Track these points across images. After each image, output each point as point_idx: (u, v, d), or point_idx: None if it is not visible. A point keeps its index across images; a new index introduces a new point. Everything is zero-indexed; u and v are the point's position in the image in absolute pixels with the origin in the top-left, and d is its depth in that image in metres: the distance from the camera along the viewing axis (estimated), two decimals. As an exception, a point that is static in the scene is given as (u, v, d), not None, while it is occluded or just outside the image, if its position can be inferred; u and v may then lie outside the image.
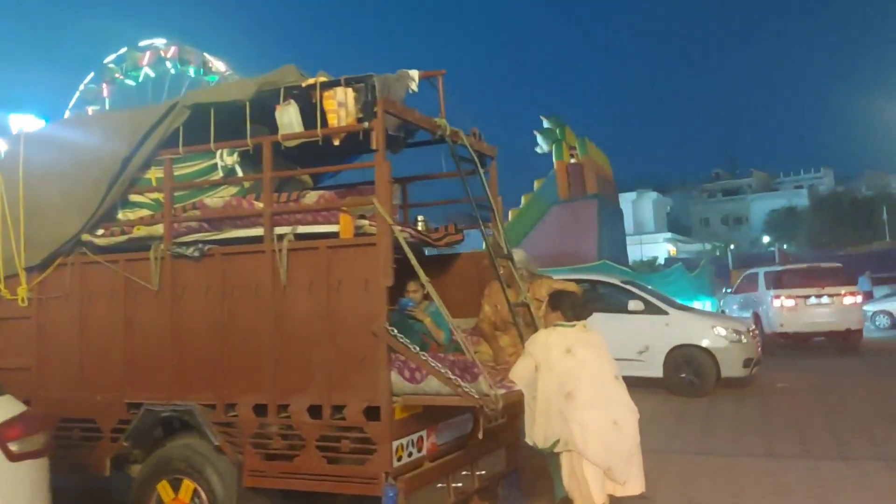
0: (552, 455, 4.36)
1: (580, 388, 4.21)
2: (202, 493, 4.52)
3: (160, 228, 4.89)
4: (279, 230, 4.56)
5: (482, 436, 4.67)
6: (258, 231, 4.62)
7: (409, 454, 4.35)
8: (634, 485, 4.19)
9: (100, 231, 5.13)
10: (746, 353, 10.98)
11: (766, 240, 59.13)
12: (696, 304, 17.44)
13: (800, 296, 15.76)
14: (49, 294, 5.20)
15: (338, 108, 4.42)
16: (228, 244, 4.76)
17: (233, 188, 4.93)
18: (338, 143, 4.55)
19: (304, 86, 4.52)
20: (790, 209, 60.76)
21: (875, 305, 23.11)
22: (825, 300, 15.59)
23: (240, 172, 4.87)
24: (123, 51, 28.20)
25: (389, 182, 4.35)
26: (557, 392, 4.25)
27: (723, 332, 10.96)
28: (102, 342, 5.04)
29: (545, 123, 28.47)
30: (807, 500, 5.83)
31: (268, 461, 4.49)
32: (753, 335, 11.43)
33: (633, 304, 11.15)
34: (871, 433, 8.08)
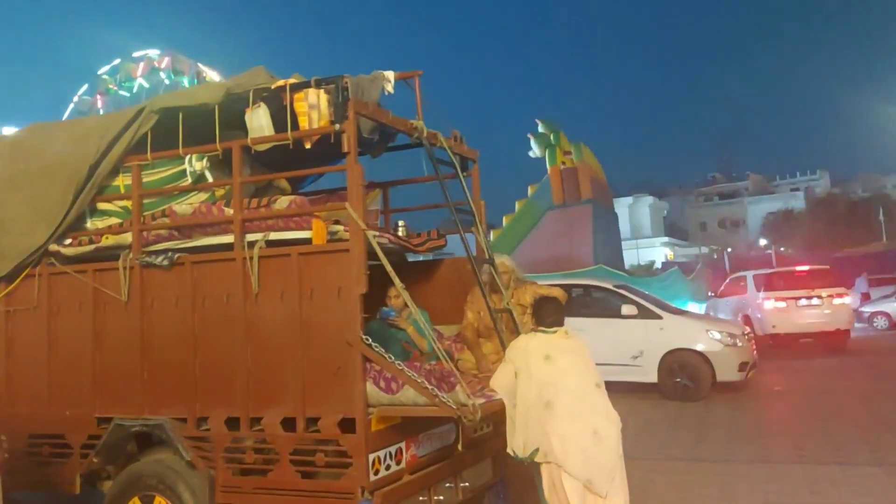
0: (536, 465, 4.21)
1: (559, 398, 4.06)
2: (174, 510, 4.36)
3: (129, 237, 4.75)
4: (250, 237, 4.42)
5: (464, 447, 4.54)
6: (229, 238, 4.48)
7: (388, 467, 4.19)
8: (617, 498, 4.02)
9: (67, 241, 4.99)
10: (742, 357, 10.84)
11: (763, 242, 59.08)
12: (691, 307, 17.31)
13: (791, 297, 15.88)
14: (16, 306, 5.05)
15: (309, 111, 4.28)
16: (199, 252, 4.62)
17: (203, 194, 4.79)
18: (309, 147, 4.40)
19: (274, 87, 4.39)
20: (786, 212, 60.76)
21: (873, 307, 23.00)
22: (815, 301, 15.75)
23: (210, 178, 4.73)
24: (117, 62, 28.18)
25: (362, 185, 4.21)
26: (536, 400, 4.10)
27: (718, 336, 10.83)
28: (71, 355, 4.90)
29: (540, 127, 28.40)
30: (802, 508, 5.69)
31: (241, 476, 4.33)
32: (749, 338, 11.29)
33: (627, 309, 11.02)
34: (868, 438, 7.94)
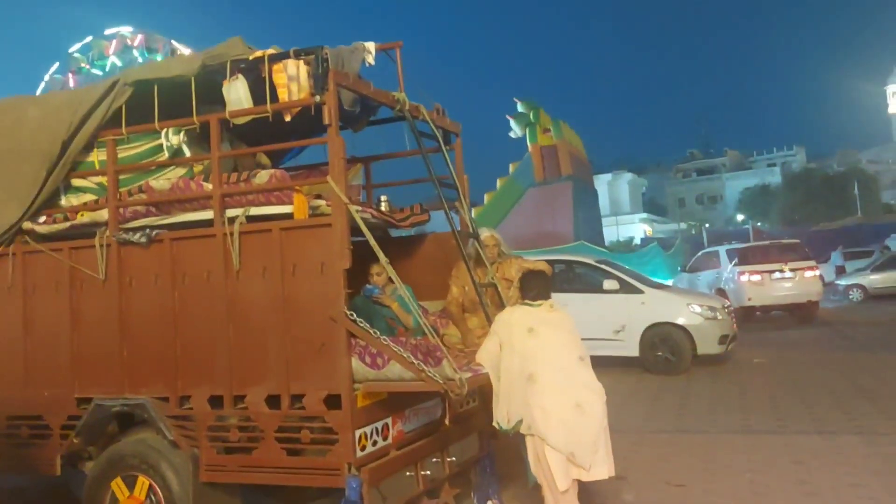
0: (522, 438, 4.20)
1: (541, 371, 4.04)
2: (158, 490, 4.31)
3: (105, 214, 4.63)
4: (230, 212, 4.33)
5: (451, 421, 4.52)
6: (208, 214, 4.39)
7: (374, 443, 4.16)
8: (601, 469, 4.02)
9: (42, 218, 4.86)
10: (722, 330, 10.93)
11: (741, 218, 59.69)
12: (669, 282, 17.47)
13: (765, 271, 16.43)
14: None
15: (288, 83, 4.18)
16: (178, 229, 4.52)
17: (180, 169, 4.68)
18: (289, 120, 4.30)
19: (252, 58, 4.27)
20: (763, 187, 61.41)
21: (848, 280, 23.34)
22: (788, 274, 16.36)
23: (187, 153, 4.62)
24: (89, 39, 27.61)
25: (343, 159, 4.13)
26: (519, 373, 4.09)
27: (698, 310, 10.91)
28: (48, 335, 4.79)
29: (519, 106, 28.33)
30: (783, 476, 5.75)
31: (225, 455, 4.28)
32: (728, 312, 11.39)
33: (609, 284, 11.05)
34: (847, 407, 8.05)
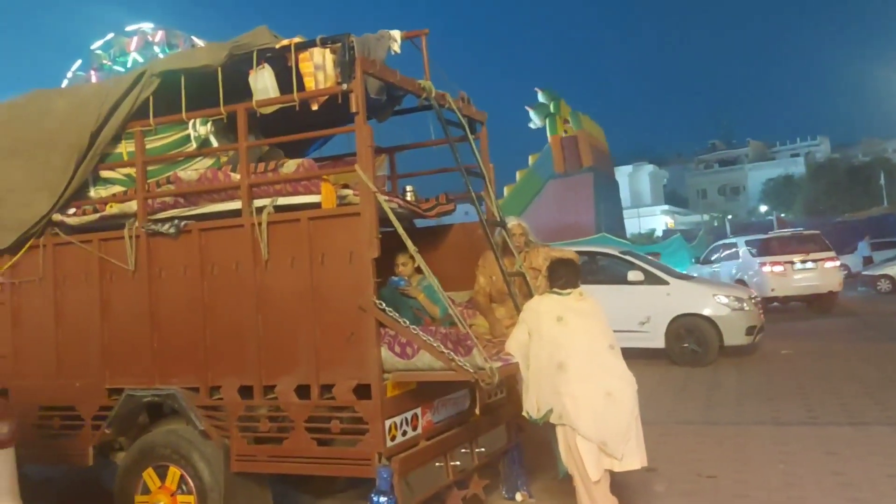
0: (552, 428, 4.16)
1: (571, 359, 3.99)
2: (189, 480, 4.33)
3: (134, 205, 4.65)
4: (258, 202, 4.32)
5: (480, 412, 4.49)
6: (236, 204, 4.38)
7: (404, 433, 4.15)
8: (633, 459, 3.97)
9: (71, 210, 4.89)
10: (749, 321, 10.79)
11: (764, 209, 58.98)
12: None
13: (788, 261, 16.59)
14: (22, 278, 4.97)
15: (315, 71, 4.16)
16: (206, 219, 4.52)
17: (208, 160, 4.68)
18: (316, 109, 4.28)
19: (278, 47, 4.25)
20: (787, 178, 60.55)
21: (876, 270, 22.97)
22: (809, 265, 16.52)
23: (215, 143, 4.62)
24: (110, 36, 27.83)
25: (371, 147, 4.11)
26: (548, 361, 4.04)
27: (724, 301, 10.78)
28: (79, 326, 4.83)
29: (540, 96, 28.16)
30: (817, 467, 5.66)
31: (255, 445, 4.29)
32: (755, 302, 11.25)
33: (633, 275, 10.94)
34: (877, 397, 7.91)
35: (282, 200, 4.33)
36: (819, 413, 7.46)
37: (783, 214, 47.57)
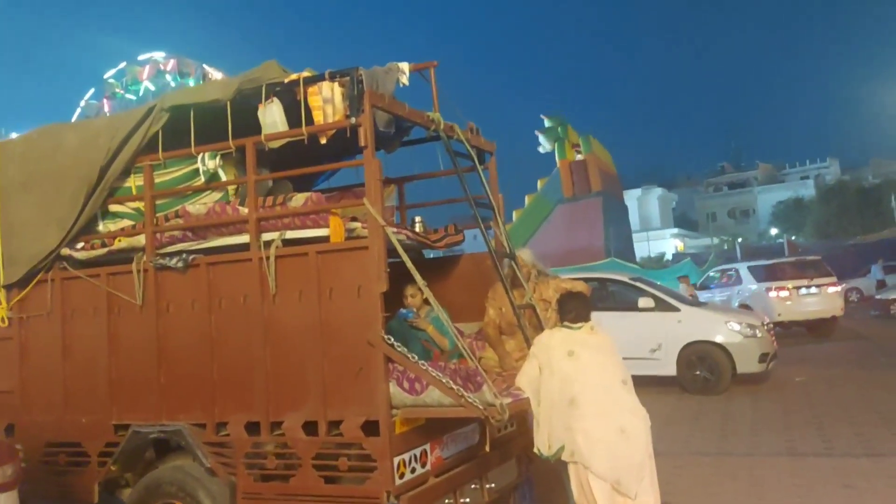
0: (563, 465, 4.08)
1: (583, 395, 3.93)
2: (194, 518, 4.26)
3: (142, 239, 4.64)
4: (266, 236, 4.31)
5: (490, 447, 4.42)
6: (244, 238, 4.37)
7: (413, 470, 4.08)
8: (647, 498, 3.88)
9: (80, 244, 4.89)
10: (762, 348, 10.66)
11: (774, 232, 58.73)
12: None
13: (793, 287, 16.79)
14: (30, 313, 4.97)
15: (323, 105, 4.16)
16: (214, 253, 4.51)
17: (216, 194, 4.68)
18: (325, 142, 4.27)
19: (287, 81, 4.26)
20: (797, 200, 60.27)
21: (889, 293, 22.69)
22: (814, 290, 16.78)
23: (223, 177, 4.62)
24: (123, 65, 28.22)
25: (380, 181, 4.09)
26: (560, 397, 3.97)
27: (737, 328, 10.66)
28: (87, 361, 4.80)
29: (546, 122, 28.28)
30: (834, 501, 5.55)
31: (262, 482, 4.23)
32: (768, 329, 11.12)
33: (644, 302, 10.85)
34: (894, 427, 7.77)
35: (290, 234, 4.31)
36: (835, 444, 7.33)
37: (794, 237, 47.34)
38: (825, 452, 7.05)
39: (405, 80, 4.61)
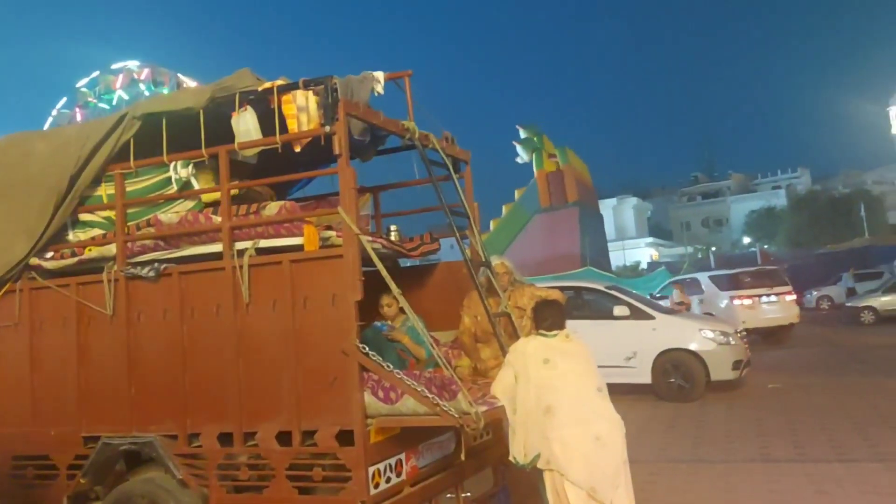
0: (539, 472, 4.08)
1: (559, 403, 3.94)
2: (166, 531, 4.19)
3: (113, 248, 4.58)
4: (240, 245, 4.27)
5: (466, 456, 4.40)
6: (217, 247, 4.32)
7: (388, 479, 4.04)
8: None
9: (49, 254, 4.81)
10: (735, 356, 10.78)
11: (747, 241, 59.51)
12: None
13: (756, 295, 17.56)
14: None
15: (298, 113, 4.14)
16: (187, 262, 4.46)
17: (189, 202, 4.62)
18: (299, 151, 4.25)
19: (261, 90, 4.24)
20: (769, 210, 61.22)
21: (859, 301, 23.12)
22: (773, 298, 17.59)
23: (196, 185, 4.57)
24: (96, 74, 27.82)
25: (355, 189, 4.07)
26: (536, 405, 3.98)
27: (710, 335, 10.77)
28: (55, 372, 4.72)
29: (521, 133, 28.43)
30: (808, 507, 5.60)
31: (236, 493, 4.18)
32: (741, 337, 11.24)
33: (619, 310, 10.93)
34: (866, 433, 7.88)
35: (264, 243, 4.27)
36: (808, 450, 7.41)
37: (766, 246, 47.99)
38: (799, 458, 7.12)
39: (380, 90, 4.61)
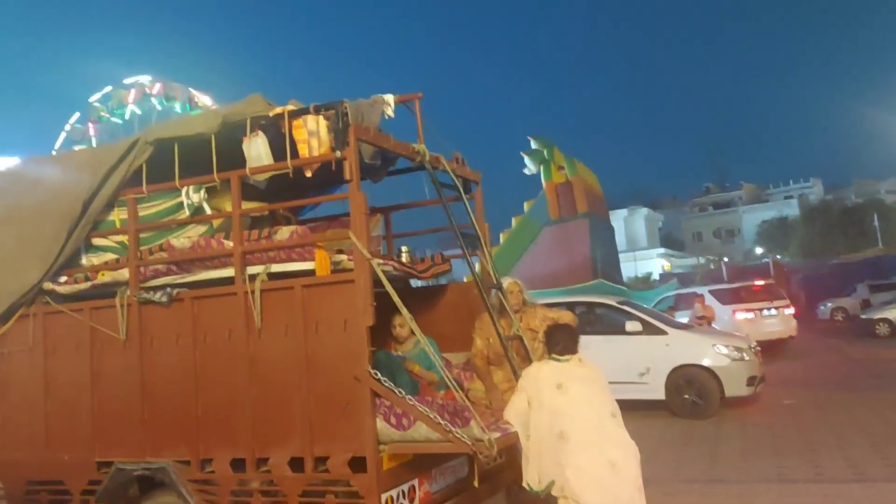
0: (553, 498, 4.04)
1: (573, 429, 3.90)
2: (179, 557, 4.18)
3: (126, 273, 4.61)
4: (251, 270, 4.28)
5: (479, 483, 4.37)
6: (229, 272, 4.33)
7: (401, 506, 4.02)
8: None
9: (63, 278, 4.85)
10: (750, 371, 10.65)
11: (760, 251, 59.12)
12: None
13: (758, 308, 17.77)
14: (11, 348, 4.91)
15: (309, 138, 4.15)
16: (199, 287, 4.47)
17: (201, 227, 4.65)
18: (310, 175, 4.26)
19: (272, 115, 4.26)
20: (781, 220, 60.76)
21: (874, 313, 22.83)
22: (773, 312, 17.83)
23: (208, 210, 4.59)
24: (108, 89, 28.08)
25: (365, 214, 4.08)
26: (549, 431, 3.94)
27: (724, 351, 10.65)
28: (69, 397, 4.74)
29: (532, 144, 28.38)
30: (825, 529, 5.50)
31: (248, 520, 4.16)
32: (755, 352, 11.13)
33: (631, 325, 10.84)
34: (884, 452, 7.76)
35: (275, 267, 4.29)
36: (825, 469, 7.31)
37: (779, 257, 47.67)
38: (816, 478, 7.01)
39: (390, 113, 4.62)
